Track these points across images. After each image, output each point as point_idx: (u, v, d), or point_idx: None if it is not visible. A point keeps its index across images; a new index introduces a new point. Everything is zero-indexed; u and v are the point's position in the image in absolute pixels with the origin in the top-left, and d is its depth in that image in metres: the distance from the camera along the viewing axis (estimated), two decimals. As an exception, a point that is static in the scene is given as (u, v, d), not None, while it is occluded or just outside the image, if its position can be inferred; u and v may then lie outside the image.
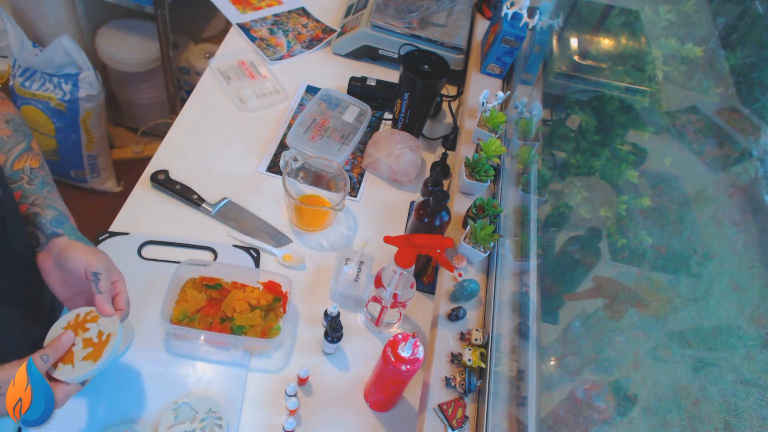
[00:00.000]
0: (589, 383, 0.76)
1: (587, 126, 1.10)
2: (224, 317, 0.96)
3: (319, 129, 1.30)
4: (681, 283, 0.74)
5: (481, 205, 1.07)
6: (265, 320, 0.97)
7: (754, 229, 0.66)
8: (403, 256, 0.89)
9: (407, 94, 1.25)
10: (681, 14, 0.99)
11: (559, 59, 1.23)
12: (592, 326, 0.83)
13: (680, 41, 0.92)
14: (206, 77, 1.40)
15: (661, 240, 0.81)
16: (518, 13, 1.31)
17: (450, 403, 0.87)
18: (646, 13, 1.08)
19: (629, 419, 0.69)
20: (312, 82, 1.45)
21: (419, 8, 1.50)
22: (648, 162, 0.96)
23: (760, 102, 0.72)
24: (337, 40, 1.51)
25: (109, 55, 2.02)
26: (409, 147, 1.25)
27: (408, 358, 0.82)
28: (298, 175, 1.19)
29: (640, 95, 1.02)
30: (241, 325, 0.95)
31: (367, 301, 1.02)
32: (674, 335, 0.69)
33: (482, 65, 1.42)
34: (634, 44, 1.13)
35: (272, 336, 0.95)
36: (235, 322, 0.96)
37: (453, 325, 0.98)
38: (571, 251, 0.99)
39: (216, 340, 0.96)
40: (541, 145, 1.16)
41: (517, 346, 0.93)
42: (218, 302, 0.98)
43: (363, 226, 1.20)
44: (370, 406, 0.96)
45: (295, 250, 1.12)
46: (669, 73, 0.96)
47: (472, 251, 1.04)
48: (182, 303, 0.96)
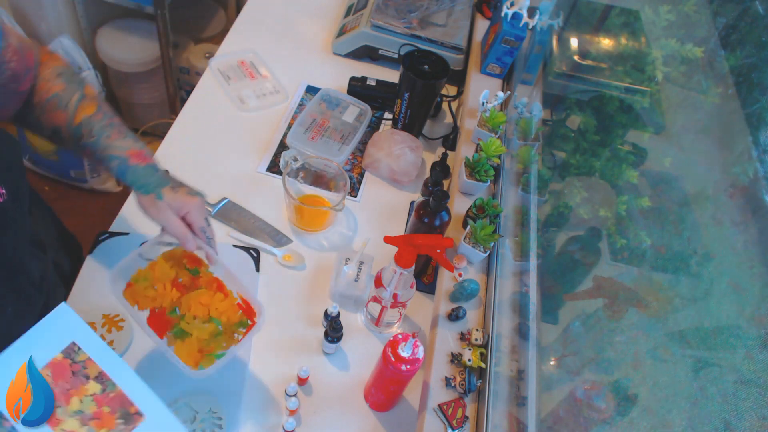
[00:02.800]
0: (589, 383, 0.76)
1: (587, 126, 1.10)
2: (177, 308, 0.83)
3: (319, 129, 1.30)
4: (681, 283, 0.74)
5: (481, 205, 1.07)
6: (211, 340, 0.81)
7: (754, 229, 0.66)
8: (403, 256, 0.89)
9: (407, 94, 1.25)
10: (681, 14, 0.99)
11: (559, 59, 1.23)
12: (592, 326, 0.83)
13: (680, 41, 0.92)
14: (206, 77, 1.40)
15: (661, 240, 0.81)
16: (518, 13, 1.31)
17: (450, 403, 0.87)
18: (646, 13, 1.08)
19: (629, 419, 0.69)
20: (312, 82, 1.45)
21: (419, 8, 1.50)
22: (648, 162, 0.96)
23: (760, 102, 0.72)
24: (337, 40, 1.51)
25: (109, 55, 2.02)
26: (409, 147, 1.25)
27: (408, 358, 0.82)
28: (298, 175, 1.19)
29: (640, 95, 1.02)
30: (184, 329, 0.81)
31: (367, 301, 1.02)
32: (674, 335, 0.69)
33: (482, 65, 1.42)
34: (634, 44, 1.13)
35: (202, 364, 0.80)
36: (181, 323, 0.82)
37: (453, 325, 0.98)
38: (571, 251, 0.99)
39: (145, 328, 0.81)
40: (541, 145, 1.16)
41: (517, 346, 0.93)
42: (182, 290, 0.84)
43: (363, 226, 1.20)
44: (370, 406, 0.96)
45: (295, 250, 1.12)
46: (669, 73, 0.96)
47: (472, 251, 1.04)
48: (148, 270, 0.83)
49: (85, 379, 0.74)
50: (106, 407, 0.73)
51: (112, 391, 0.74)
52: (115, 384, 0.74)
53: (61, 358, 0.75)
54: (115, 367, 0.75)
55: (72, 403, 0.73)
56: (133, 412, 0.73)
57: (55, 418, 0.72)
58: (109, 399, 0.73)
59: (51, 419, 0.74)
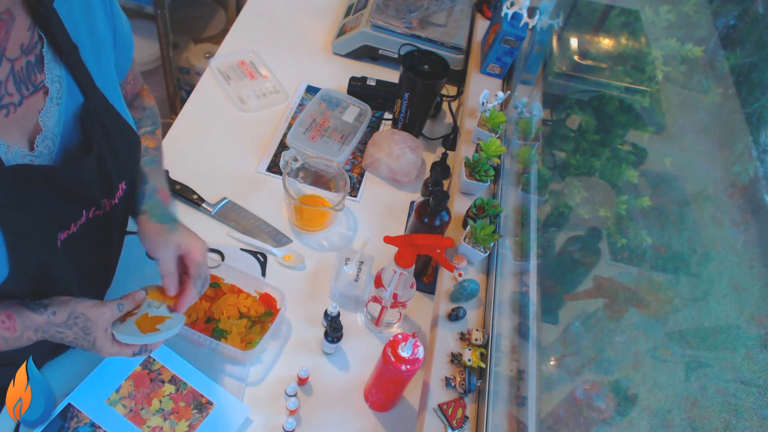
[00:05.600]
0: (589, 383, 0.76)
1: (587, 126, 1.10)
2: (210, 317, 0.96)
3: (319, 129, 1.30)
4: (681, 283, 0.74)
5: (481, 205, 1.07)
6: (248, 331, 0.96)
7: (754, 229, 0.66)
8: (403, 256, 0.89)
9: (407, 94, 1.25)
10: (681, 14, 0.99)
11: (559, 59, 1.23)
12: (592, 326, 0.83)
13: (680, 41, 0.92)
14: (206, 77, 1.40)
15: (661, 240, 0.81)
16: (518, 13, 1.31)
17: (450, 403, 0.87)
18: (646, 13, 1.08)
19: (629, 419, 0.69)
20: (312, 82, 1.45)
21: (419, 8, 1.50)
22: (648, 162, 0.96)
23: (760, 102, 0.72)
24: (337, 40, 1.51)
25: (109, 55, 2.02)
26: (409, 147, 1.25)
27: (408, 358, 0.82)
28: (298, 175, 1.19)
29: (640, 95, 1.02)
30: (224, 329, 0.95)
31: (367, 301, 1.02)
32: (674, 335, 0.69)
33: (482, 65, 1.42)
34: (634, 44, 1.13)
35: (249, 348, 0.93)
36: (219, 324, 0.95)
37: (453, 325, 0.98)
38: (571, 251, 0.99)
39: (192, 337, 0.94)
40: (541, 145, 1.16)
41: (517, 346, 0.93)
42: (210, 300, 0.98)
43: (363, 226, 1.20)
44: (370, 406, 0.96)
45: (295, 250, 1.12)
46: (669, 73, 0.96)
47: (472, 251, 1.04)
48: None
49: (161, 383, 0.89)
50: (182, 402, 0.88)
51: (185, 389, 0.90)
52: (186, 383, 0.90)
53: (140, 369, 0.90)
54: (184, 369, 0.91)
55: (153, 404, 0.87)
56: (204, 402, 0.89)
57: (141, 418, 0.86)
58: (183, 396, 0.89)
59: (136, 419, 0.86)
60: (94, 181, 0.71)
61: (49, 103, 0.66)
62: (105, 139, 0.71)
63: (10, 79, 0.62)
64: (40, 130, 0.66)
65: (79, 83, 0.69)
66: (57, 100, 0.67)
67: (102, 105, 0.72)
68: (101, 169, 0.71)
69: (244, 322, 0.96)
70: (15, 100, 0.63)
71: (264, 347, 0.96)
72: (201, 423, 0.86)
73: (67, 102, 0.68)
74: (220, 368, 0.94)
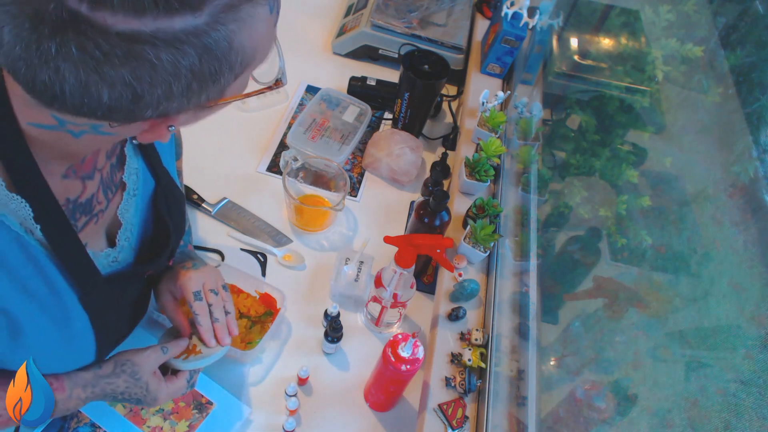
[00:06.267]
0: (589, 383, 0.76)
1: (587, 126, 1.10)
2: None
3: (319, 129, 1.30)
4: (681, 283, 0.74)
5: (481, 205, 1.07)
6: (248, 331, 0.96)
7: (754, 229, 0.66)
8: (403, 256, 0.89)
9: (407, 94, 1.25)
10: (681, 14, 0.99)
11: (559, 59, 1.23)
12: (592, 326, 0.83)
13: (680, 41, 0.92)
14: (206, 77, 1.40)
15: (661, 240, 0.81)
16: (518, 12, 1.31)
17: (450, 403, 0.87)
18: (646, 13, 1.08)
19: (629, 419, 0.69)
20: (312, 82, 1.45)
21: (419, 8, 1.50)
22: (648, 162, 0.96)
23: (760, 102, 0.72)
24: (337, 39, 1.51)
25: (109, 55, 2.02)
26: (409, 147, 1.25)
27: (408, 358, 0.82)
28: (298, 175, 1.19)
29: (640, 95, 1.02)
30: None
31: (367, 301, 1.02)
32: (674, 335, 0.69)
33: (482, 65, 1.42)
34: (634, 44, 1.13)
35: (249, 348, 0.93)
36: None
37: (453, 325, 0.98)
38: (571, 251, 0.99)
39: None
40: (541, 145, 1.16)
41: (517, 346, 0.93)
42: None
43: (363, 226, 1.20)
44: (370, 406, 0.96)
45: (295, 250, 1.12)
46: (669, 73, 0.96)
47: (472, 251, 1.04)
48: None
49: None
50: (182, 402, 0.88)
51: None
52: None
53: None
54: None
55: None
56: (204, 402, 0.89)
57: (140, 418, 0.85)
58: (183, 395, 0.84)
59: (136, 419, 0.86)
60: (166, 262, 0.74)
61: (127, 195, 0.66)
62: (168, 214, 0.72)
63: (99, 189, 0.62)
64: (119, 224, 0.66)
65: (152, 168, 0.69)
66: (134, 191, 0.67)
67: (168, 182, 0.73)
68: None
69: (244, 322, 0.97)
70: (103, 206, 0.63)
71: (264, 347, 0.96)
72: (201, 423, 0.86)
73: (142, 191, 0.68)
74: (220, 368, 0.94)
